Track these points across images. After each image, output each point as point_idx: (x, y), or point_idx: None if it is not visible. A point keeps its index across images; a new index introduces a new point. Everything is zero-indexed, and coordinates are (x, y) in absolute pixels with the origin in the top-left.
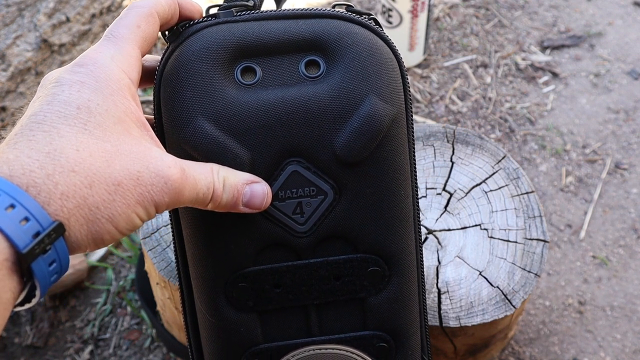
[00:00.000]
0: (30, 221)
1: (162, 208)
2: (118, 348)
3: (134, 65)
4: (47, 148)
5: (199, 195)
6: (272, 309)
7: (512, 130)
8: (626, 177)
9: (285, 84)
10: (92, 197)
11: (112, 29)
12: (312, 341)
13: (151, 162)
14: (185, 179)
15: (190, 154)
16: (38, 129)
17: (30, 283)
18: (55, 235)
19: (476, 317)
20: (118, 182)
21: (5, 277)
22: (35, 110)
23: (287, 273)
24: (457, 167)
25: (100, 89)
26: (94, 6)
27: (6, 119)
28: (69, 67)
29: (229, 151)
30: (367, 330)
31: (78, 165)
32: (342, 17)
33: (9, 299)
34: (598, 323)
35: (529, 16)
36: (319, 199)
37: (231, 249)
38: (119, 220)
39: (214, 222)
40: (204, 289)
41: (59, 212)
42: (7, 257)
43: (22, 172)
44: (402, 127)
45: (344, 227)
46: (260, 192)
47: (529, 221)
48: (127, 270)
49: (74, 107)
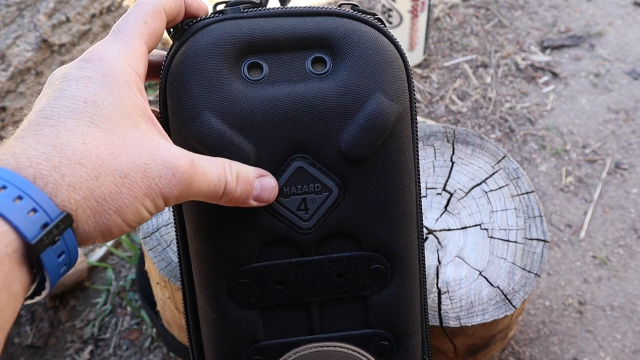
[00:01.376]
0: (38, 212)
1: (171, 200)
2: (118, 348)
3: (140, 60)
4: (54, 141)
5: (210, 187)
6: (274, 305)
7: (512, 130)
8: (626, 177)
9: (291, 81)
10: (98, 188)
11: (119, 24)
12: (313, 338)
13: (158, 153)
14: (194, 171)
15: (196, 149)
16: (45, 124)
17: (39, 275)
18: (63, 226)
19: (476, 317)
20: (125, 174)
21: (14, 268)
22: (43, 106)
23: (290, 270)
24: (457, 167)
25: (107, 83)
26: (94, 6)
27: (6, 119)
28: (75, 63)
29: (235, 146)
30: (369, 329)
31: (84, 157)
32: (349, 16)
33: (19, 290)
34: (598, 323)
35: (529, 16)
36: (323, 195)
37: (235, 245)
38: (126, 212)
39: (218, 217)
40: (206, 285)
41: (66, 203)
42: (16, 249)
43: (29, 165)
44: (406, 125)
45: (347, 224)
46: (269, 185)
47: (529, 221)
48: (127, 270)
49: (81, 101)
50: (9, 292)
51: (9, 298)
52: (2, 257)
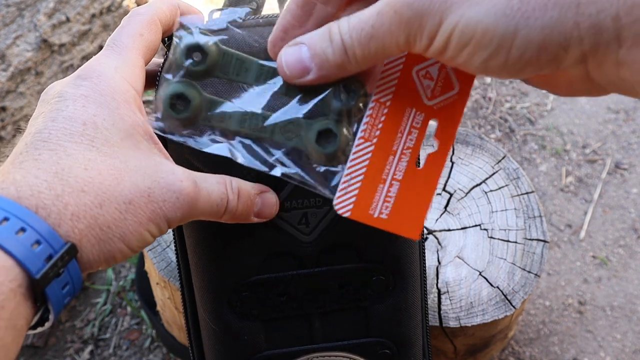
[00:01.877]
0: (42, 244)
1: (174, 223)
2: (118, 348)
3: (138, 75)
4: (55, 167)
5: (212, 207)
6: (276, 317)
7: (512, 130)
8: (626, 177)
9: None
10: (103, 216)
11: (115, 38)
12: (315, 348)
13: (162, 176)
14: (198, 192)
15: (193, 164)
16: (44, 148)
17: (43, 307)
18: (68, 258)
19: (476, 318)
20: (129, 200)
21: (19, 304)
22: (40, 128)
23: (291, 282)
24: (457, 167)
25: (105, 103)
26: (94, 6)
27: (6, 119)
28: (71, 79)
29: (234, 161)
30: (370, 338)
31: (87, 184)
32: None
33: (23, 325)
34: (598, 323)
35: None
36: (324, 209)
37: (236, 259)
38: (130, 239)
39: (219, 232)
40: (207, 298)
41: (70, 234)
42: (20, 284)
43: (31, 194)
44: None
45: (348, 236)
46: (271, 201)
47: (529, 221)
48: (127, 270)
49: (80, 123)
50: (14, 330)
51: (14, 334)
52: (7, 293)
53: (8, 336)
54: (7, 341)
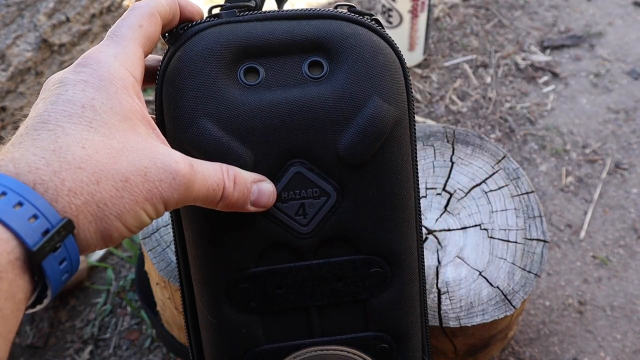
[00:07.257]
0: (39, 219)
1: (171, 205)
2: (118, 348)
3: (137, 64)
4: (53, 146)
5: (209, 191)
6: (274, 310)
7: (512, 130)
8: (626, 177)
9: (288, 85)
10: (99, 193)
11: (114, 29)
12: (313, 342)
13: (158, 157)
14: (194, 175)
15: (192, 155)
16: (43, 128)
17: (41, 283)
18: (64, 233)
19: (476, 318)
20: (125, 178)
21: (17, 276)
22: (40, 111)
23: (289, 274)
24: (457, 167)
25: (104, 88)
26: (94, 6)
27: (6, 119)
28: (71, 67)
29: (232, 152)
30: (369, 332)
31: (84, 162)
32: (345, 18)
33: (21, 299)
34: (598, 323)
35: (529, 16)
36: (321, 200)
37: (234, 251)
38: (127, 217)
39: (217, 223)
40: (206, 291)
41: (67, 209)
42: (17, 256)
43: (29, 170)
44: (404, 129)
45: (346, 228)
46: (267, 190)
47: (529, 221)
48: (127, 270)
49: (79, 106)
50: (13, 301)
51: (13, 307)
52: (5, 265)
53: (7, 308)
54: (6, 312)
